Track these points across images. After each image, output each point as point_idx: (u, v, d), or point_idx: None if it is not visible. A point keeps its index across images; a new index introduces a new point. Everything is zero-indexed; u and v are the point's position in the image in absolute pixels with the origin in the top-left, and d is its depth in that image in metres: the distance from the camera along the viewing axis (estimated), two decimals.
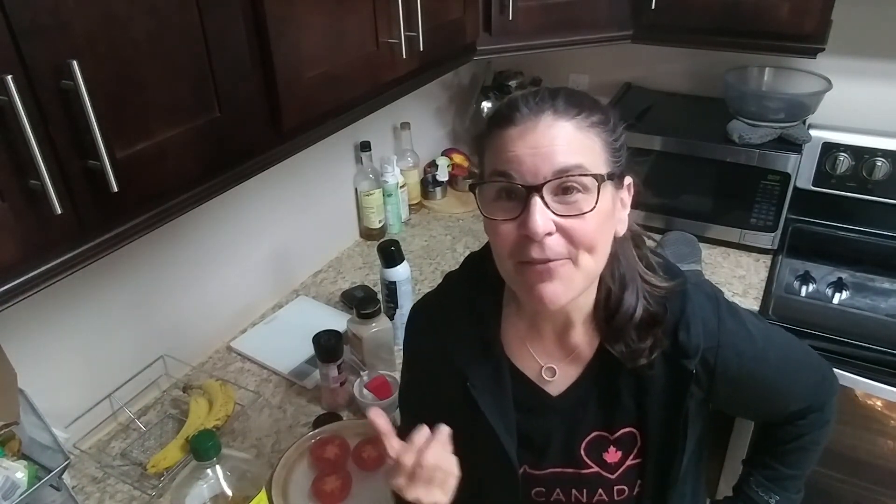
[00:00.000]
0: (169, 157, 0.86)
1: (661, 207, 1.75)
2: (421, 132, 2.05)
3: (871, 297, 1.57)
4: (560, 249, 0.72)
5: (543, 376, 0.87)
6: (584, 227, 0.72)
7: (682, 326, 0.81)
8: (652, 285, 0.82)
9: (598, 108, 0.75)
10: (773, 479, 0.99)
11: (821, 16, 1.43)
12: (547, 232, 0.70)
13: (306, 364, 1.43)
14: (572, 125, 0.72)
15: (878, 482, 1.62)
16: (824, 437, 0.98)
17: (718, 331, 0.83)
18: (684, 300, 0.82)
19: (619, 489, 0.88)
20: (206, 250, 1.43)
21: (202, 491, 0.90)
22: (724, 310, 0.85)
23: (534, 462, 0.88)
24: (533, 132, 0.71)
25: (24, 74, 0.68)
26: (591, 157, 0.72)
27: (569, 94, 0.75)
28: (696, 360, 0.81)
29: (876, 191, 1.73)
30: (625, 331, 0.81)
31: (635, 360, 0.81)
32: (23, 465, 0.94)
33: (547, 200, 0.71)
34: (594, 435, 0.87)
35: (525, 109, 0.72)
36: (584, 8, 1.56)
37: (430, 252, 1.85)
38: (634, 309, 0.80)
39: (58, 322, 1.16)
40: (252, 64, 0.95)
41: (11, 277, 0.74)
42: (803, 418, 0.95)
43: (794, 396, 0.93)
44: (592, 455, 0.87)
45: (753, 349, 0.86)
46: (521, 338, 0.87)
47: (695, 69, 1.94)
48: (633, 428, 0.86)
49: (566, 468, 0.88)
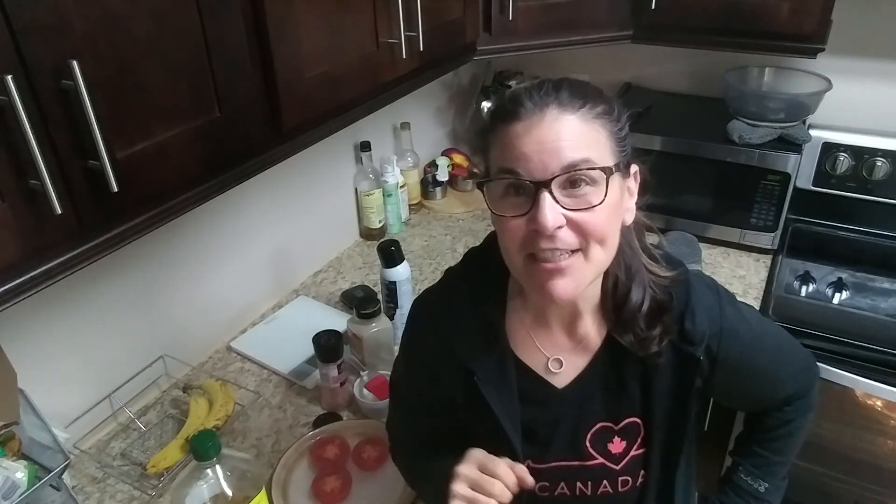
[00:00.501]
0: (169, 157, 0.86)
1: (661, 207, 1.75)
2: (421, 132, 2.05)
3: (871, 297, 1.57)
4: (571, 241, 0.72)
5: (550, 368, 0.87)
6: (595, 219, 0.72)
7: (688, 315, 0.82)
8: (656, 275, 0.83)
9: (601, 99, 0.75)
10: (762, 465, 1.01)
11: (821, 16, 1.43)
12: (557, 226, 0.71)
13: (306, 364, 1.43)
14: (577, 118, 0.71)
15: (878, 482, 1.62)
16: (808, 424, 1.01)
17: (720, 318, 0.84)
18: (688, 289, 0.83)
19: (623, 480, 0.88)
20: (206, 250, 1.43)
21: (202, 491, 0.90)
22: (723, 298, 0.87)
23: (537, 456, 0.88)
24: (538, 127, 0.71)
25: (24, 74, 0.68)
26: (597, 148, 0.72)
27: (572, 85, 0.74)
28: (701, 347, 0.82)
29: (876, 191, 1.73)
30: (634, 321, 0.82)
31: (646, 348, 0.82)
32: (23, 465, 0.94)
33: (556, 195, 0.70)
34: (599, 426, 0.87)
35: (529, 104, 0.72)
36: (584, 8, 1.56)
37: (430, 252, 1.85)
38: (643, 298, 0.81)
39: (58, 322, 1.16)
40: (252, 64, 0.95)
41: (11, 277, 0.74)
42: (790, 404, 0.98)
43: (784, 382, 0.96)
44: (597, 446, 0.87)
45: (751, 335, 0.88)
46: (527, 330, 0.87)
47: (695, 69, 1.94)
48: (637, 418, 0.87)
49: (571, 461, 0.88)
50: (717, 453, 1.54)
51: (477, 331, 0.86)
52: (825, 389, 1.44)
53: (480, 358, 0.85)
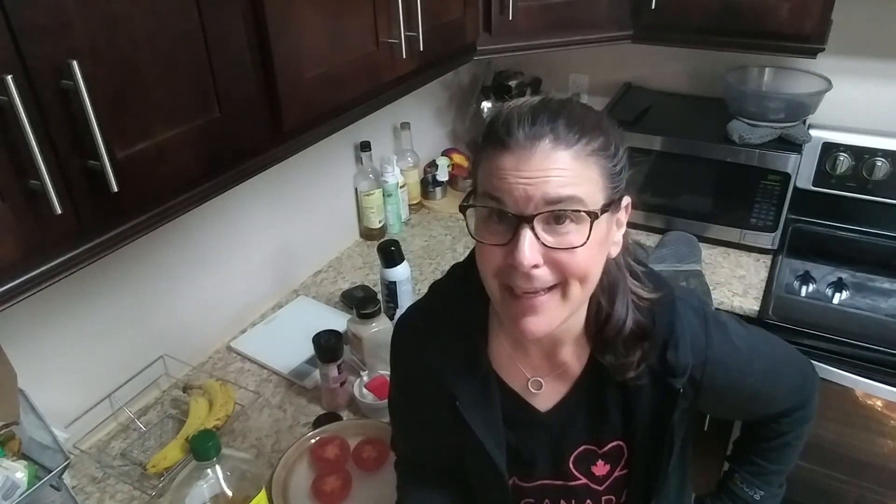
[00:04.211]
0: (169, 157, 0.86)
1: (661, 207, 1.75)
2: (421, 132, 2.05)
3: (871, 297, 1.57)
4: (548, 279, 0.70)
5: (530, 388, 0.86)
6: (575, 260, 0.69)
7: (671, 345, 0.80)
8: (639, 296, 0.81)
9: (599, 133, 0.70)
10: (758, 474, 1.01)
11: (821, 16, 1.43)
12: (534, 264, 0.68)
13: (306, 364, 1.43)
14: (570, 154, 0.68)
15: (878, 482, 1.62)
16: (807, 434, 1.00)
17: (706, 347, 0.82)
18: (673, 317, 0.80)
19: (607, 499, 0.89)
20: (206, 250, 1.43)
21: (202, 491, 0.90)
22: (711, 325, 0.84)
23: (523, 475, 0.88)
24: (528, 162, 0.67)
25: (24, 74, 0.68)
26: (587, 186, 0.69)
27: (571, 115, 0.69)
28: (683, 379, 0.80)
29: (876, 191, 1.73)
30: (614, 343, 0.80)
31: (624, 372, 0.80)
32: (23, 465, 0.94)
33: (537, 231, 0.68)
34: (582, 449, 0.87)
35: (520, 135, 0.67)
36: (584, 8, 1.56)
37: (430, 252, 1.85)
38: (624, 322, 0.79)
39: (58, 322, 1.16)
40: (252, 64, 0.95)
41: (11, 277, 0.74)
42: (787, 416, 0.96)
43: (777, 399, 0.94)
44: (581, 468, 0.87)
45: (739, 362, 0.85)
46: (508, 352, 0.86)
47: (695, 69, 1.94)
48: (620, 441, 0.86)
49: (555, 480, 0.88)
50: (717, 451, 1.54)
51: (459, 353, 0.84)
52: (825, 389, 1.44)
53: (463, 381, 0.84)
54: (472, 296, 0.83)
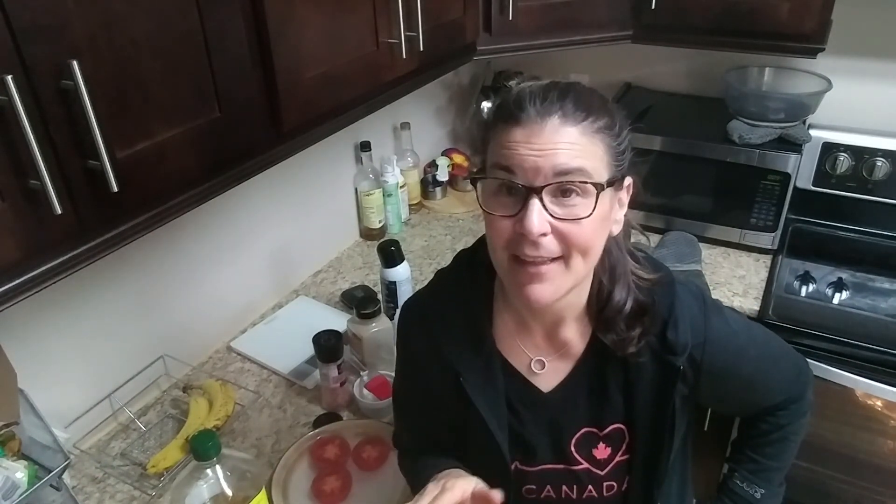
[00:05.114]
0: (169, 157, 0.86)
1: (661, 207, 1.75)
2: (421, 132, 2.05)
3: (871, 297, 1.57)
4: (553, 249, 0.74)
5: (532, 369, 0.88)
6: (580, 231, 0.73)
7: (671, 325, 0.83)
8: (639, 276, 0.84)
9: (605, 112, 0.75)
10: (757, 471, 1.02)
11: (821, 16, 1.43)
12: (542, 233, 0.72)
13: (306, 364, 1.43)
14: (578, 130, 0.72)
15: (878, 482, 1.62)
16: (803, 429, 1.02)
17: (705, 327, 0.85)
18: (672, 298, 0.84)
19: (609, 485, 0.89)
20: (206, 250, 1.43)
21: (202, 491, 0.90)
22: (709, 307, 0.88)
23: (525, 458, 0.89)
24: (539, 136, 0.71)
25: (24, 74, 0.68)
26: (593, 161, 0.73)
27: (578, 95, 0.74)
28: (683, 357, 0.83)
29: (876, 191, 1.73)
30: (615, 321, 0.83)
31: (624, 348, 0.83)
32: (23, 465, 0.94)
33: (545, 202, 0.72)
34: (584, 431, 0.88)
35: (532, 111, 0.72)
36: (584, 8, 1.56)
37: (430, 252, 1.85)
38: (625, 301, 0.83)
39: (58, 322, 1.16)
40: (252, 64, 0.95)
41: (11, 277, 0.74)
42: (783, 409, 0.99)
43: (772, 389, 0.97)
44: (582, 451, 0.88)
45: (736, 345, 0.89)
46: (511, 332, 0.89)
47: (695, 69, 1.94)
48: (621, 424, 0.88)
49: (557, 464, 0.89)
50: (717, 454, 1.54)
51: (465, 333, 0.87)
52: (825, 389, 1.45)
53: (468, 359, 0.86)
54: (477, 279, 0.87)
